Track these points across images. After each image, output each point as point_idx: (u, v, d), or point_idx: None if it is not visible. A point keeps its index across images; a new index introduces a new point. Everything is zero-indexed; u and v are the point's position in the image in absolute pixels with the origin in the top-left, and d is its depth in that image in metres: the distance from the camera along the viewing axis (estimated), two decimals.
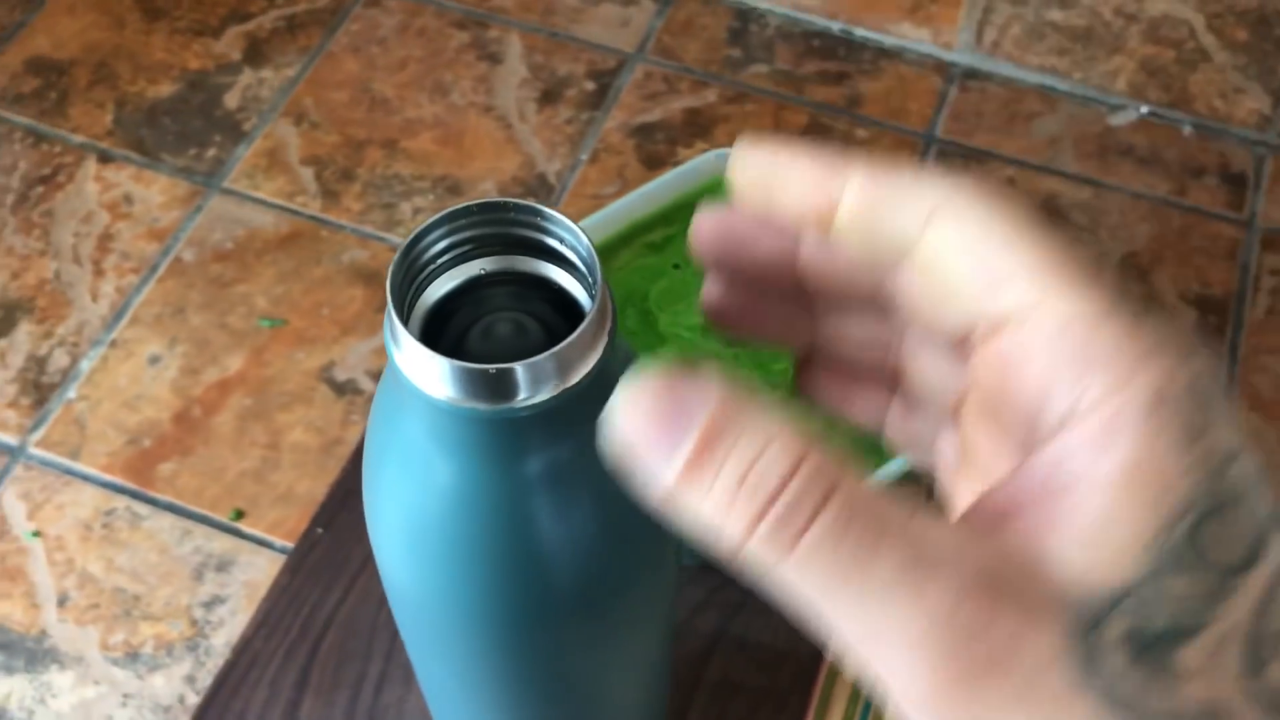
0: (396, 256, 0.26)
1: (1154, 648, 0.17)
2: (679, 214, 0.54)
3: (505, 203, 0.26)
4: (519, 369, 0.24)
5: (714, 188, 0.54)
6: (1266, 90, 0.71)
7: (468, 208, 0.26)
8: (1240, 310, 0.67)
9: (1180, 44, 0.71)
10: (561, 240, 0.26)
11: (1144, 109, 0.74)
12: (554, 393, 0.25)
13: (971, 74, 0.76)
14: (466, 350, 0.27)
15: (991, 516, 0.18)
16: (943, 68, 0.76)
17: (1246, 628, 0.17)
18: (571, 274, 0.27)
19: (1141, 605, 0.17)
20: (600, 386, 0.23)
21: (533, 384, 0.24)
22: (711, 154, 0.54)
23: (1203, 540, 0.17)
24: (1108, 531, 0.17)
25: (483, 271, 0.27)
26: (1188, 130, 0.74)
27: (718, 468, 0.18)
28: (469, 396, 0.24)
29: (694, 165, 0.54)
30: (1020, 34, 0.75)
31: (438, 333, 0.27)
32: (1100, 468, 0.18)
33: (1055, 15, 0.73)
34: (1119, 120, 0.74)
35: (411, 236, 0.26)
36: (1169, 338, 0.19)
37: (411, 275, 0.26)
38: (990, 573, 0.17)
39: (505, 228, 0.27)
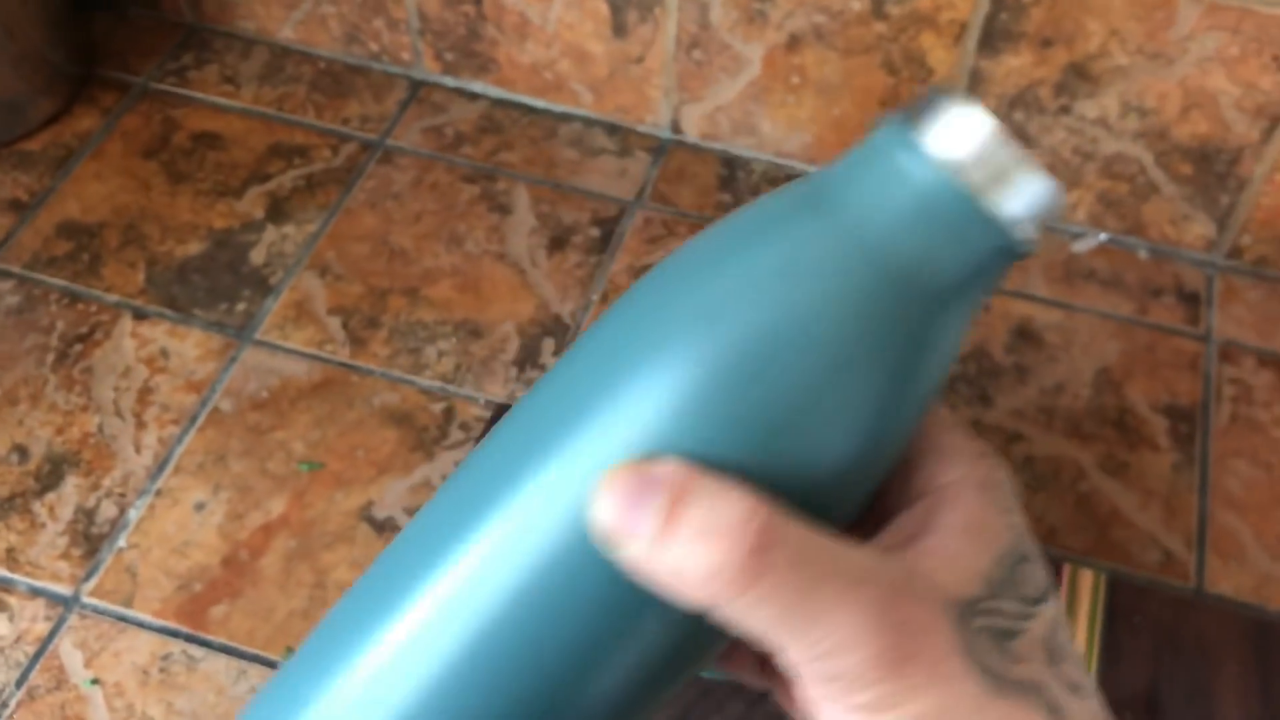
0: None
1: (999, 639, 0.24)
2: None
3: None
4: (1060, 199, 0.26)
5: None
6: (1211, 217, 0.78)
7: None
8: (1206, 418, 0.73)
9: (1133, 178, 0.78)
10: None
11: (1103, 236, 0.81)
12: (1035, 239, 0.26)
13: None
14: None
15: (891, 545, 0.26)
16: None
17: (1044, 639, 0.25)
18: None
19: (987, 613, 0.24)
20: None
21: (1044, 219, 0.26)
22: None
23: (1017, 577, 0.25)
24: (960, 561, 0.25)
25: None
26: (1144, 254, 0.81)
27: (682, 523, 0.23)
28: (1034, 227, 0.25)
29: None
30: None
31: None
32: (951, 518, 0.25)
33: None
34: (1081, 246, 0.81)
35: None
36: (989, 451, 0.27)
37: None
38: (902, 585, 0.24)
39: None
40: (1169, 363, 0.76)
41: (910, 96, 0.77)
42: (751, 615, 0.23)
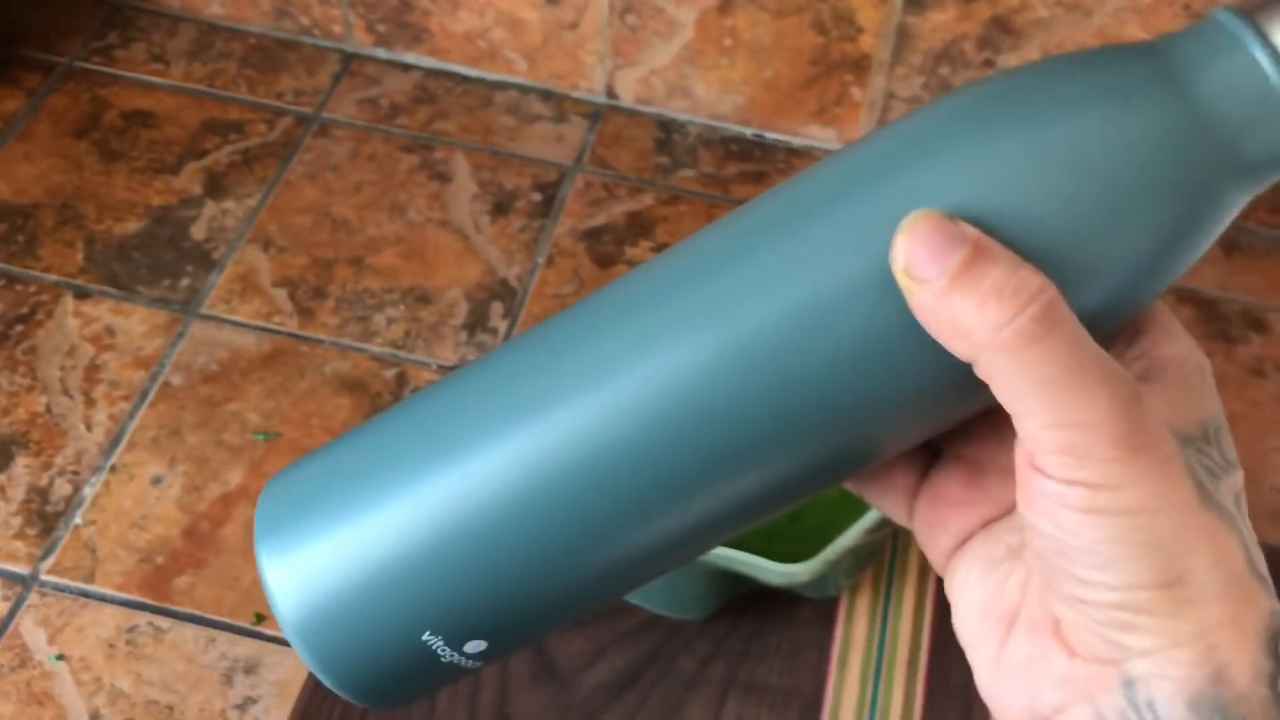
0: None
1: (1208, 473, 0.27)
2: None
3: None
4: None
5: None
6: None
7: None
8: None
9: None
10: None
11: None
12: None
13: None
14: None
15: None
16: None
17: (1236, 493, 0.28)
18: None
19: (1201, 452, 0.27)
20: None
21: None
22: None
23: (1220, 440, 0.28)
24: (1184, 408, 0.28)
25: None
26: None
27: (980, 277, 0.25)
28: None
29: None
30: None
31: None
32: (1171, 379, 0.28)
33: None
34: None
35: None
36: (1197, 345, 0.30)
37: None
38: (1143, 395, 0.26)
39: None
40: None
41: None
42: (1022, 373, 0.25)
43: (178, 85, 0.87)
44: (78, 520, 0.66)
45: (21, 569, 0.64)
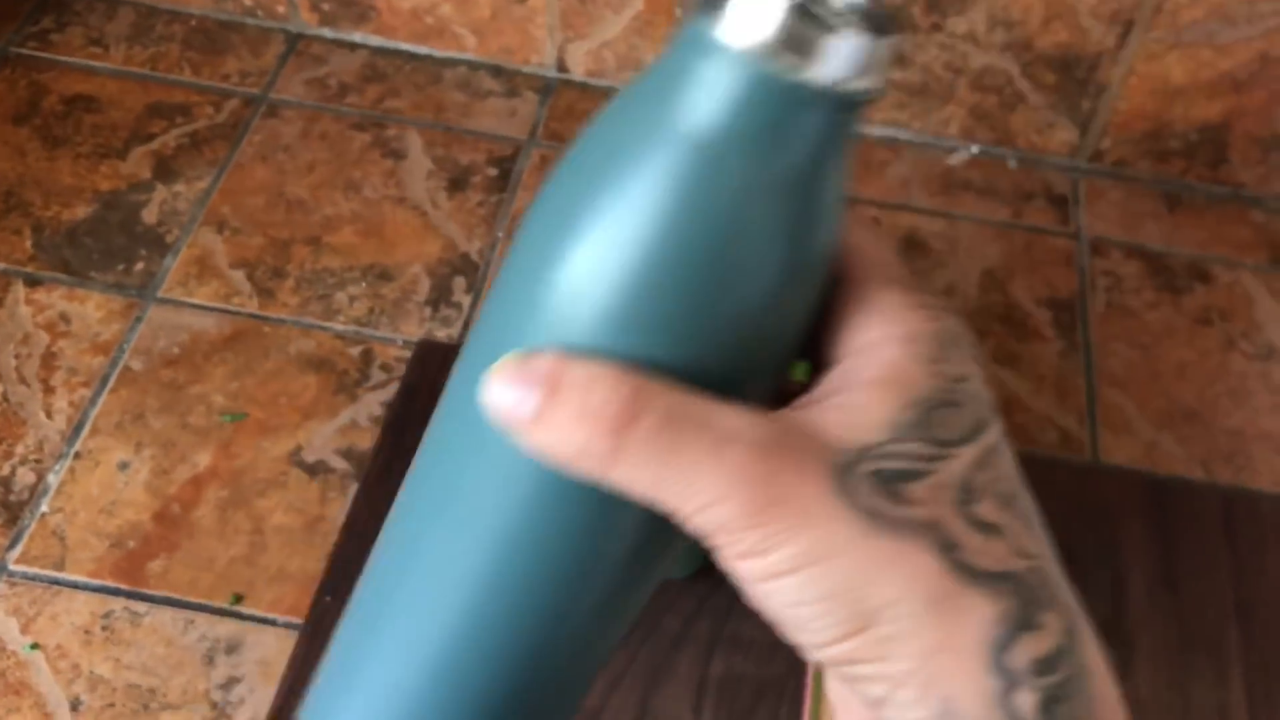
0: None
1: (891, 481, 0.25)
2: None
3: None
4: (882, 43, 0.24)
5: None
6: (1074, 123, 0.84)
7: None
8: (1085, 308, 0.78)
9: (1001, 90, 0.83)
10: None
11: (974, 149, 0.86)
12: (875, 85, 0.24)
13: None
14: None
15: (800, 405, 0.27)
16: None
17: (961, 479, 0.25)
18: None
19: (882, 457, 0.25)
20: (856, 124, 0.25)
21: (872, 68, 0.24)
22: None
23: (931, 422, 0.25)
24: (863, 411, 0.25)
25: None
26: (1013, 163, 0.86)
27: (559, 406, 0.25)
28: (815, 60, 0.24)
29: None
30: None
31: None
32: (866, 373, 0.26)
33: (894, 75, 0.84)
34: (955, 160, 0.86)
35: None
36: (932, 304, 0.27)
37: None
38: (774, 441, 0.25)
39: None
40: (1045, 261, 0.81)
41: None
42: (632, 484, 0.25)
43: (119, 69, 0.85)
44: (44, 508, 0.65)
45: None
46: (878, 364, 0.26)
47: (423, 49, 0.88)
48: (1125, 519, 0.67)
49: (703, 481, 0.24)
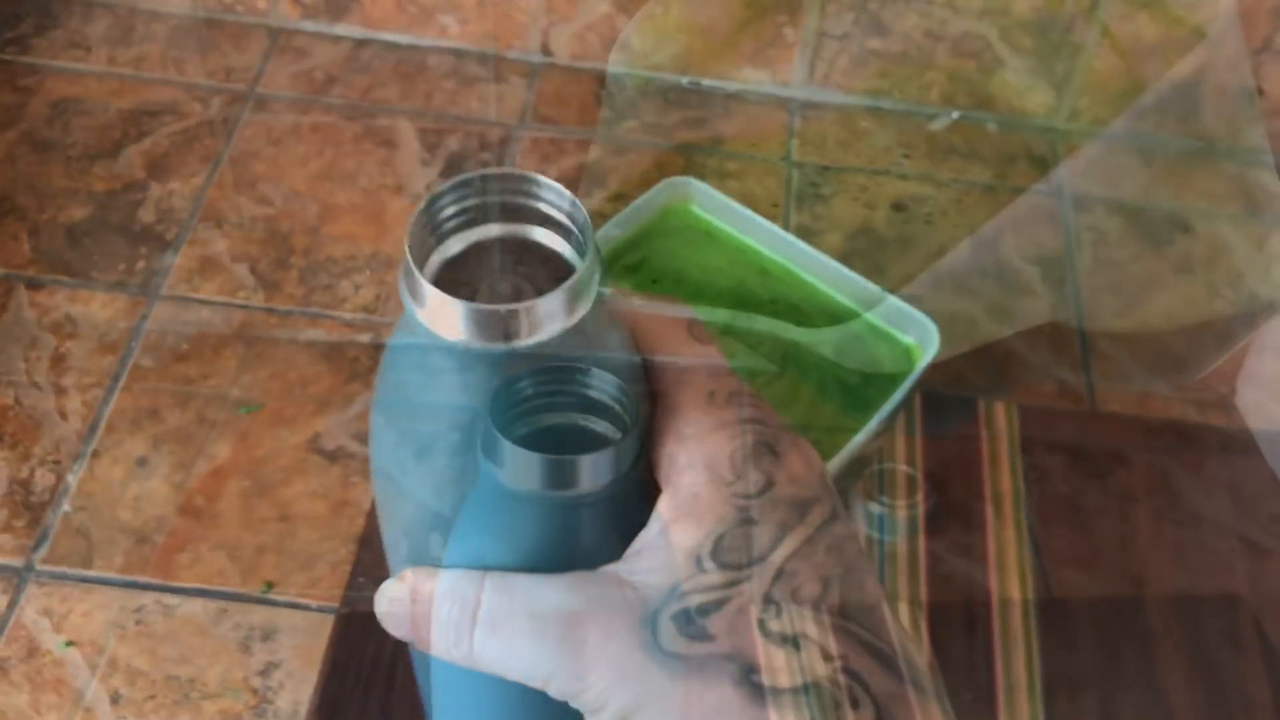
0: (414, 218, 0.28)
1: (693, 620, 0.27)
2: (646, 238, 0.62)
3: (506, 173, 0.29)
4: (522, 310, 0.27)
5: (672, 212, 0.62)
6: (1051, 85, 0.86)
7: (472, 178, 0.29)
8: (1072, 263, 0.81)
9: (979, 55, 0.85)
10: (555, 206, 0.30)
11: (955, 114, 0.88)
12: (554, 334, 0.28)
13: (810, 105, 0.88)
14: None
15: (628, 556, 0.29)
16: (784, 103, 0.88)
17: (762, 594, 0.27)
18: (566, 239, 0.30)
19: (685, 595, 0.27)
20: (593, 332, 0.29)
21: (535, 326, 0.28)
22: (663, 183, 0.63)
23: (726, 548, 0.27)
24: (665, 553, 0.27)
25: (485, 239, 0.30)
26: (992, 126, 0.88)
27: (426, 618, 0.29)
28: (482, 337, 0.28)
29: (652, 195, 0.62)
30: (847, 64, 0.87)
31: (450, 291, 0.29)
32: (669, 512, 0.28)
33: (875, 44, 0.86)
34: (937, 125, 0.88)
35: (425, 201, 0.29)
36: (731, 420, 0.29)
37: (425, 235, 0.29)
38: (586, 609, 0.27)
39: (506, 196, 0.30)
40: (1031, 219, 0.83)
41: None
42: (496, 672, 0.28)
43: (104, 70, 0.85)
44: (66, 508, 0.65)
45: (15, 561, 0.63)
46: (679, 499, 0.28)
47: (406, 38, 0.88)
48: (1131, 464, 0.69)
49: (531, 663, 0.27)
